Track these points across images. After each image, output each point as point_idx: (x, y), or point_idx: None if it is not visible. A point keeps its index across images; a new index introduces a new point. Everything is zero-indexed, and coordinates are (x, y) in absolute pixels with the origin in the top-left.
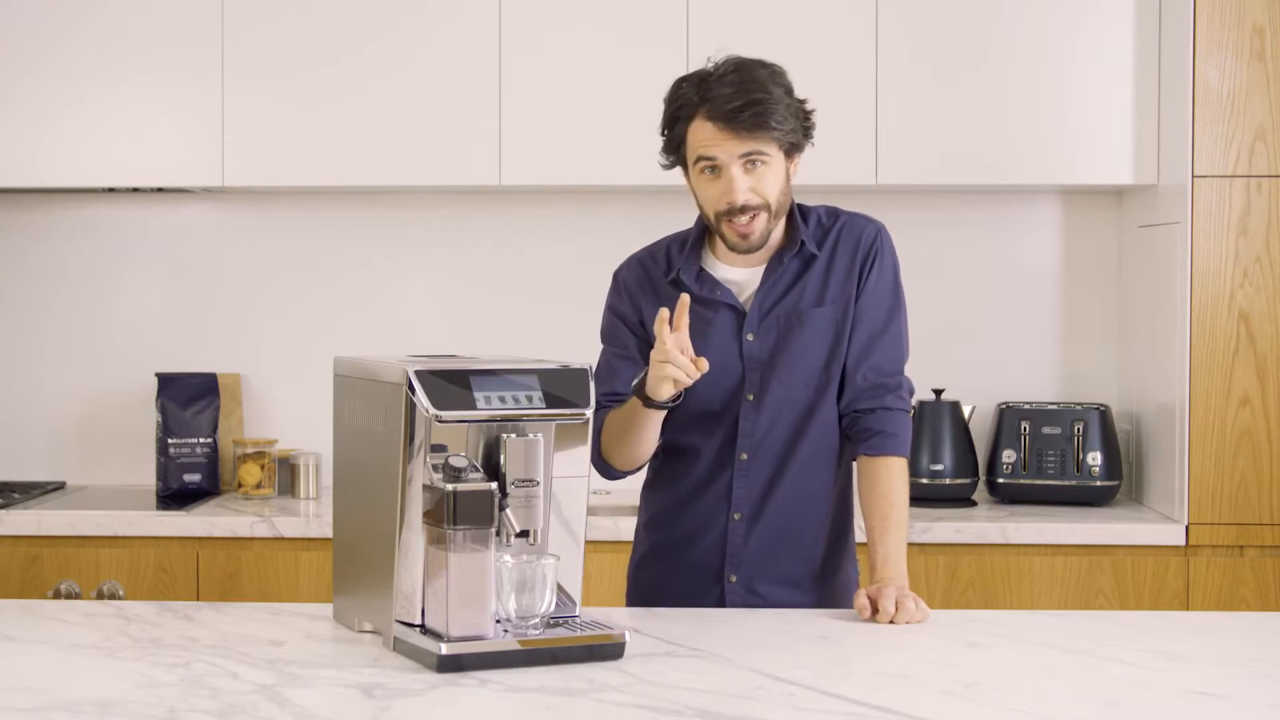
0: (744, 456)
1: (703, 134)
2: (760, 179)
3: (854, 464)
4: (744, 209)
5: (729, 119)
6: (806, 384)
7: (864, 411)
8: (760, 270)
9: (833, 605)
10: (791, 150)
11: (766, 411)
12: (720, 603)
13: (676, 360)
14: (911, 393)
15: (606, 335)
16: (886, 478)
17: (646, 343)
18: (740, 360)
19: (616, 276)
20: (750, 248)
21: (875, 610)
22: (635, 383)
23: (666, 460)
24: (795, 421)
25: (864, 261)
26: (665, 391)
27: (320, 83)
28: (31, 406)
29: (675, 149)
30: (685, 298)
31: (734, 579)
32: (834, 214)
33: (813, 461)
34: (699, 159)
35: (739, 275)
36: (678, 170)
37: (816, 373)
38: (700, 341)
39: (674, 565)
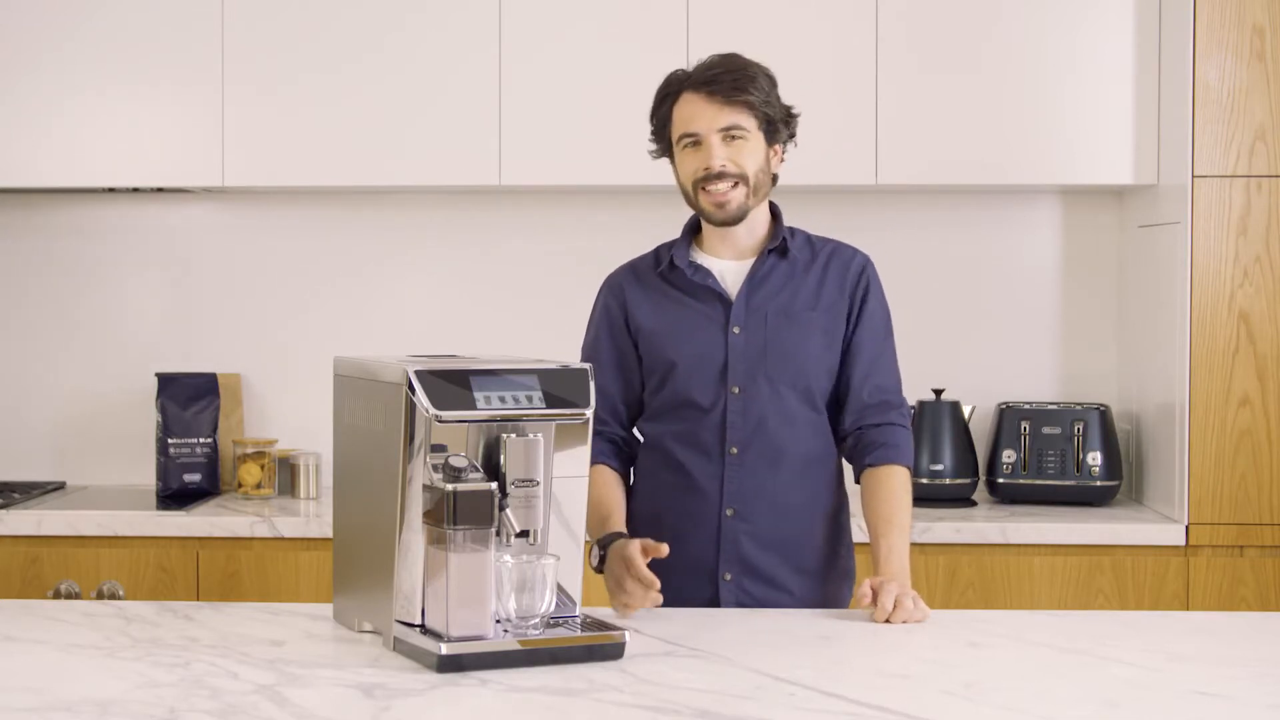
0: (734, 450)
1: (685, 108)
2: (738, 151)
3: (859, 480)
4: (721, 176)
5: (708, 83)
6: (795, 383)
7: (869, 426)
8: (746, 264)
9: (826, 607)
10: (771, 133)
11: (754, 406)
12: (714, 601)
13: (635, 598)
14: (910, 416)
15: (588, 350)
16: (889, 485)
17: (619, 350)
18: (724, 351)
19: (603, 284)
20: (726, 218)
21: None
22: (601, 541)
23: (655, 454)
24: (785, 420)
25: (858, 290)
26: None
27: (320, 83)
28: (32, 406)
29: (661, 130)
30: (664, 549)
31: (729, 576)
32: (822, 238)
33: (805, 462)
34: (681, 137)
35: (725, 267)
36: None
37: (804, 373)
38: (686, 330)
39: (666, 562)
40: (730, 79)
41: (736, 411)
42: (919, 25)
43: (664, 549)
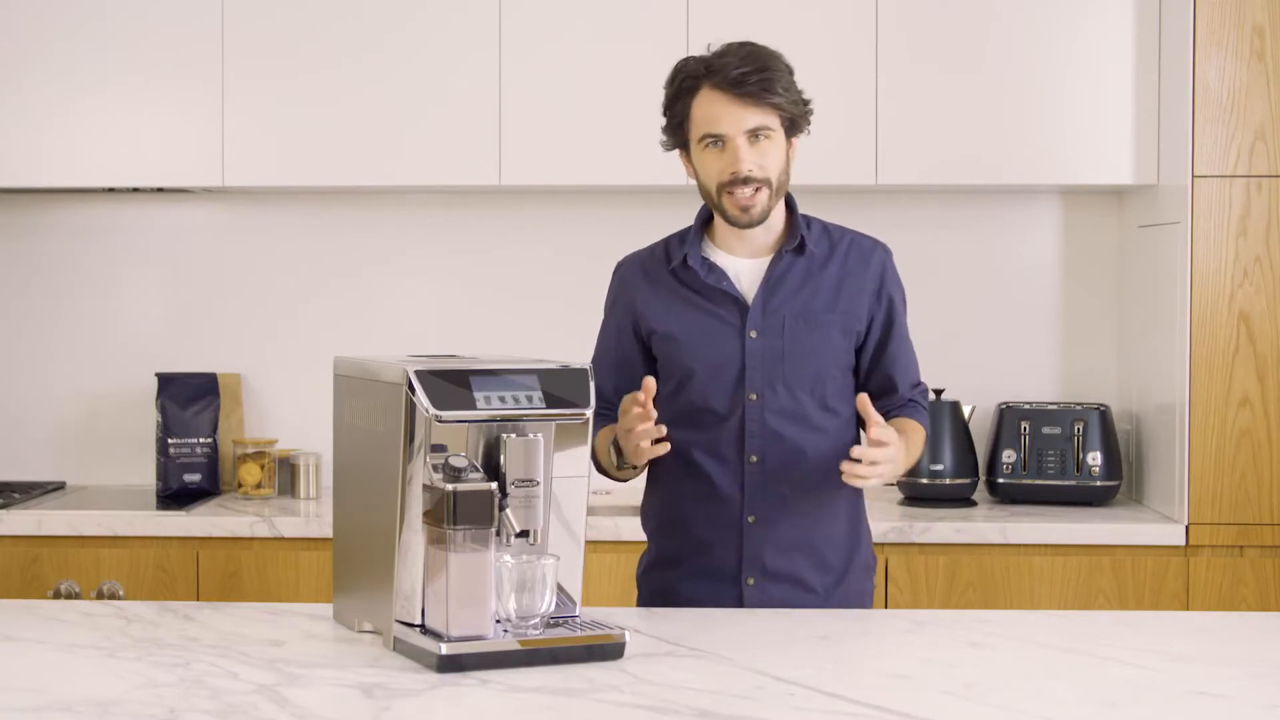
0: (753, 459)
1: (708, 106)
2: (764, 153)
3: None
4: (747, 180)
5: (736, 85)
6: (812, 389)
7: (899, 408)
8: (761, 263)
9: (849, 602)
10: (791, 129)
11: (772, 414)
12: (738, 605)
13: (640, 430)
14: (927, 395)
15: (600, 338)
16: (910, 422)
17: (622, 348)
18: (741, 356)
19: (614, 273)
20: (751, 222)
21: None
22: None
23: (677, 461)
24: (803, 425)
25: (881, 292)
26: (645, 455)
27: (320, 83)
28: (32, 406)
29: (678, 126)
30: (650, 380)
31: (751, 581)
32: (838, 228)
33: (823, 462)
34: (704, 136)
35: (739, 266)
36: (677, 170)
37: (823, 377)
38: (703, 336)
39: (688, 570)
40: (758, 79)
41: (754, 419)
42: (919, 25)
43: (650, 384)
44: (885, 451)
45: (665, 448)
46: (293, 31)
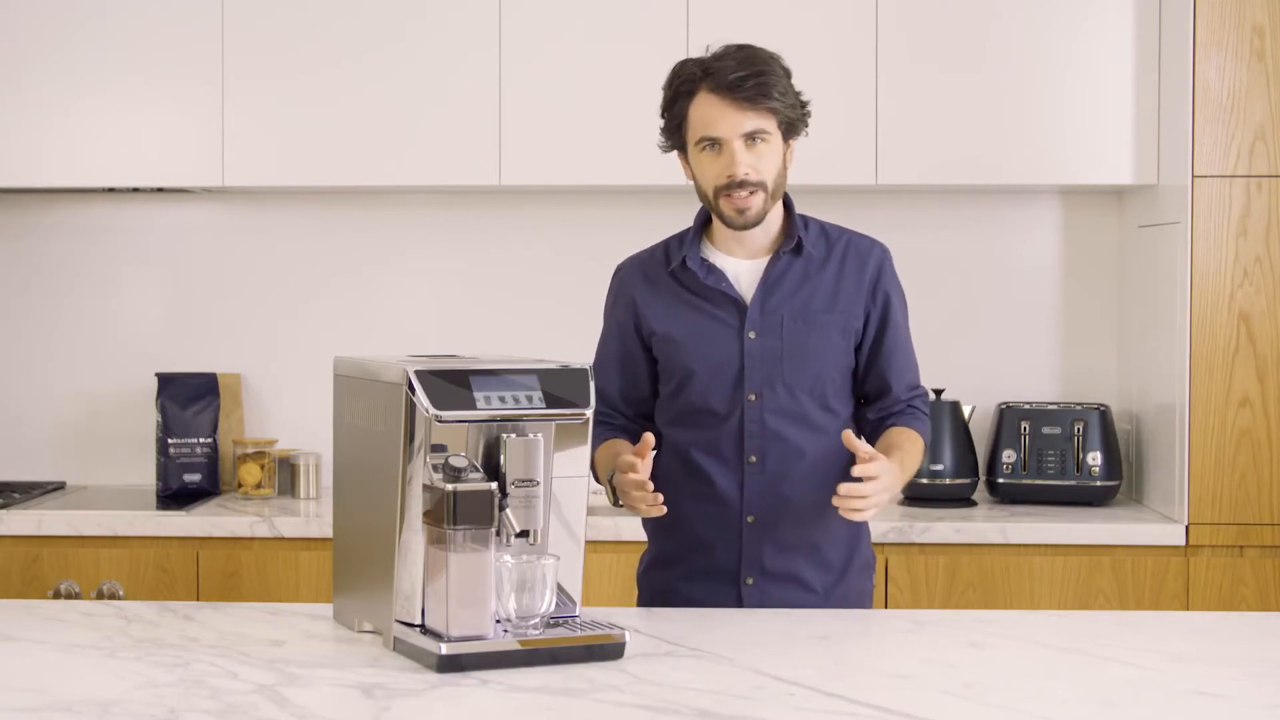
0: (753, 459)
1: (705, 109)
2: (760, 156)
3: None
4: (743, 184)
5: (732, 89)
6: (812, 389)
7: (897, 413)
8: (759, 264)
9: (849, 602)
10: (789, 132)
11: (771, 414)
12: (738, 605)
13: (635, 495)
14: (928, 401)
15: (601, 342)
16: (906, 432)
17: (624, 350)
18: (740, 357)
19: (613, 275)
20: (747, 224)
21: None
22: (609, 480)
23: (676, 461)
24: (802, 425)
25: (878, 290)
26: (641, 513)
27: (320, 83)
28: (32, 406)
29: (676, 128)
30: (649, 437)
31: (750, 581)
32: (837, 228)
33: (822, 462)
34: (701, 139)
35: (738, 267)
36: (677, 170)
37: (823, 377)
38: (702, 337)
39: (689, 570)
40: (754, 83)
41: (754, 420)
42: (919, 25)
43: (649, 439)
44: (874, 484)
45: (661, 510)
46: (293, 31)
